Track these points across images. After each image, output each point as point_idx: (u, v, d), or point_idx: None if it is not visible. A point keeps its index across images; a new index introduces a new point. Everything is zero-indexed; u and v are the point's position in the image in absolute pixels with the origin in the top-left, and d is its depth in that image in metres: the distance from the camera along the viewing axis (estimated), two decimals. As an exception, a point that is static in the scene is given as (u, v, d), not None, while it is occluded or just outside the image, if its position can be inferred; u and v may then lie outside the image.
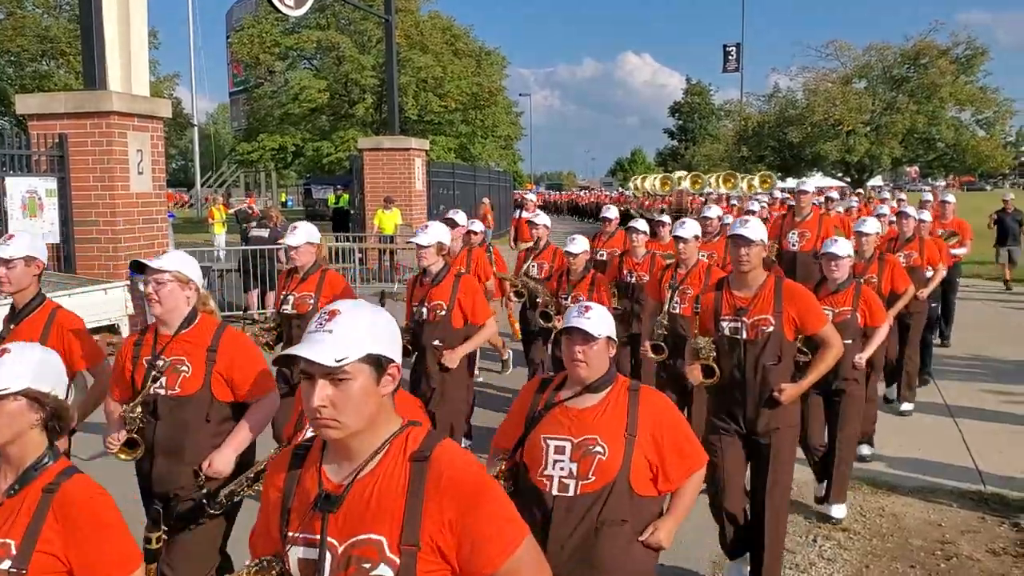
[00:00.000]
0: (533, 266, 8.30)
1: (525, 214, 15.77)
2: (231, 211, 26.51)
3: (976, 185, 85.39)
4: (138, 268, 3.66)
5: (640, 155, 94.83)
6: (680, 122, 71.12)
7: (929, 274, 8.39)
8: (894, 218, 9.38)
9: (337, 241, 17.94)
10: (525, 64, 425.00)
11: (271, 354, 5.04)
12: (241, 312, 13.39)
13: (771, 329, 4.34)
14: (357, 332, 1.91)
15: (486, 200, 24.99)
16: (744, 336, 4.39)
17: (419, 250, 5.59)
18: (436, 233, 5.64)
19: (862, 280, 6.29)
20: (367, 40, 35.98)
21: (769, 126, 33.20)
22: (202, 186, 47.51)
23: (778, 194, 20.82)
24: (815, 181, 35.13)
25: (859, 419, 5.86)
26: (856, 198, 21.29)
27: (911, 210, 8.87)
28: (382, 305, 4.47)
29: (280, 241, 13.37)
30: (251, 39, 36.51)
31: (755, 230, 4.41)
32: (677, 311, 6.38)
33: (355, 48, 35.58)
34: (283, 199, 63.90)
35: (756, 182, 24.93)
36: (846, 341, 5.08)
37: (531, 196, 17.10)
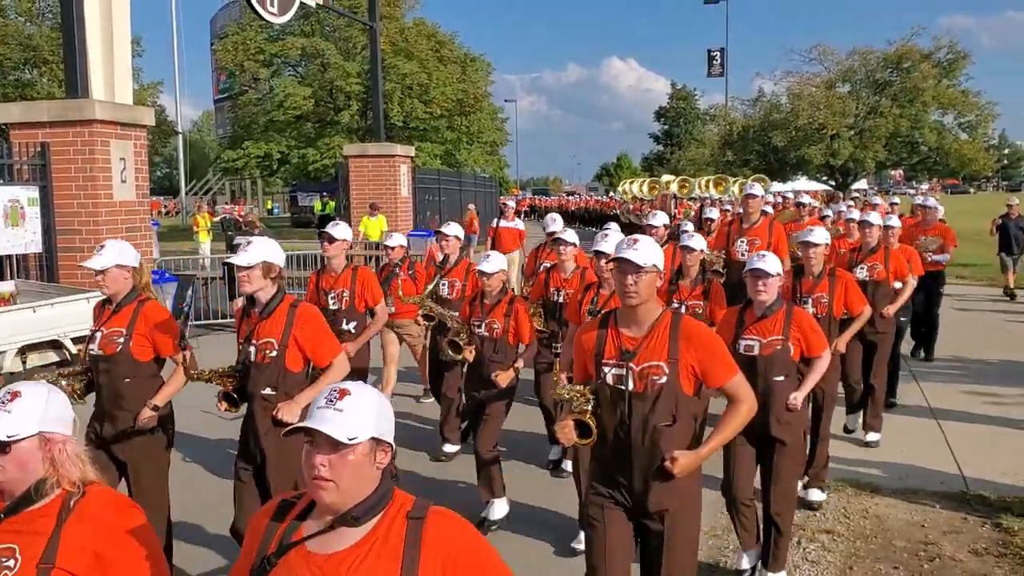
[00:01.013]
0: (443, 284, 7.33)
1: (504, 223, 15.63)
2: (216, 219, 26.44)
3: (960, 188, 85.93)
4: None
5: (626, 160, 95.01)
6: (666, 127, 71.34)
7: (898, 286, 7.51)
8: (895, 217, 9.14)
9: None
10: (511, 70, 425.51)
11: (79, 403, 4.44)
12: (227, 320, 13.34)
13: (663, 380, 3.40)
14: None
15: (471, 206, 25.03)
16: (630, 387, 3.44)
17: (239, 272, 4.34)
18: (260, 251, 4.33)
19: (808, 300, 6.03)
20: (352, 47, 35.99)
21: (754, 130, 33.34)
22: (187, 194, 47.37)
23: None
24: (799, 185, 35.33)
25: (797, 472, 5.07)
26: (850, 202, 20.13)
27: (875, 217, 7.78)
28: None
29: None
30: (235, 46, 36.47)
31: (646, 253, 3.43)
32: None
33: (340, 55, 35.58)
34: (269, 206, 63.88)
35: (738, 186, 24.68)
36: (777, 377, 4.70)
37: (512, 203, 16.72)
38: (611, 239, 5.36)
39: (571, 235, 6.75)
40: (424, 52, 35.02)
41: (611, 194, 52.80)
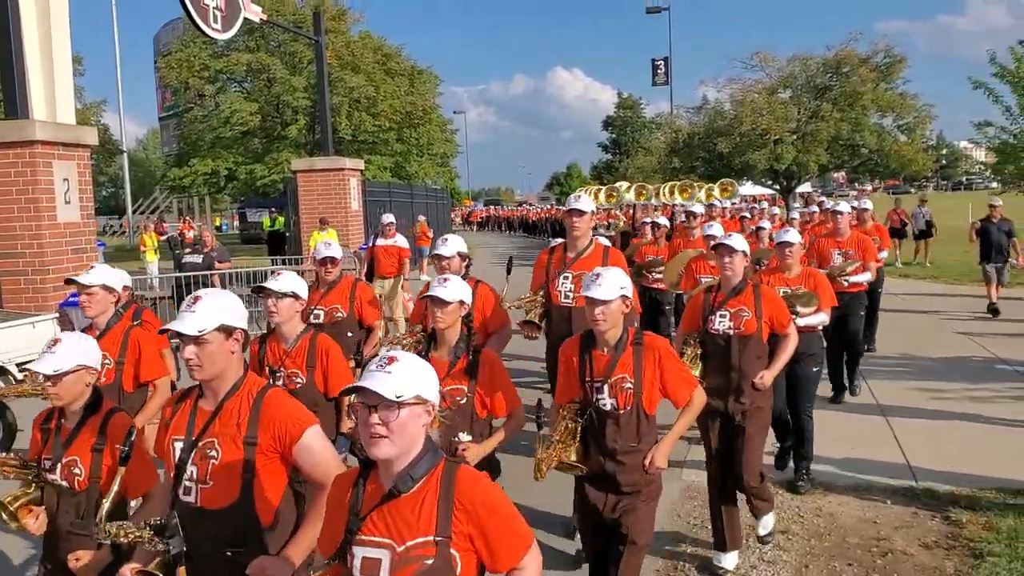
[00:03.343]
0: (318, 313, 6.43)
1: (381, 241, 12.85)
2: (163, 238, 26.08)
3: (901, 188, 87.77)
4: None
5: (576, 169, 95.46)
6: (613, 136, 71.84)
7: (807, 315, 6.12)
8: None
9: (273, 264, 17.75)
10: (458, 82, 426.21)
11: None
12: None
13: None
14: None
15: (422, 218, 25.00)
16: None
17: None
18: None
19: (723, 315, 5.41)
20: (298, 61, 35.73)
21: (699, 137, 33.70)
22: (134, 213, 46.63)
23: (719, 204, 19.04)
24: (745, 190, 35.79)
25: (763, 443, 5.26)
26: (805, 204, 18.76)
27: (792, 236, 6.33)
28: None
29: (219, 265, 12.80)
30: (179, 63, 36.00)
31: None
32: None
33: (286, 70, 35.30)
34: (217, 223, 63.11)
35: (717, 191, 23.77)
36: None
37: (390, 218, 12.97)
38: (451, 244, 5.53)
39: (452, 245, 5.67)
40: (371, 65, 34.89)
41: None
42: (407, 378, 2.32)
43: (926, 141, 35.78)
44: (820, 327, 6.42)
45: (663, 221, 11.08)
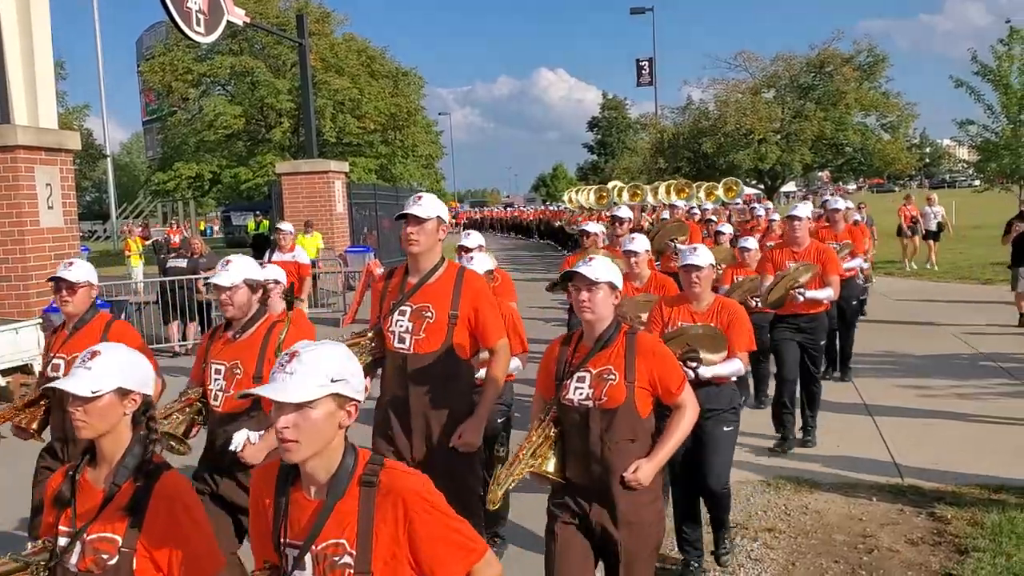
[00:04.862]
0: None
1: (277, 255, 10.21)
2: (148, 242, 25.97)
3: (885, 187, 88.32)
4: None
5: (562, 170, 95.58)
6: (599, 136, 71.98)
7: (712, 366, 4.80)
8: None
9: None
10: (443, 84, 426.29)
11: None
12: (162, 344, 13.10)
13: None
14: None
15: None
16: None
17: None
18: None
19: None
20: (282, 64, 35.66)
21: (684, 137, 33.86)
22: (118, 217, 46.41)
23: (681, 204, 16.62)
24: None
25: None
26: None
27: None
28: None
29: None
30: (162, 67, 35.88)
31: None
32: None
33: (270, 72, 35.24)
34: (202, 227, 62.87)
35: (721, 191, 22.25)
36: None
37: (287, 227, 10.79)
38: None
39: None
40: (355, 67, 34.86)
41: (558, 204, 52.57)
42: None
43: (909, 139, 36.06)
44: (734, 377, 4.96)
45: (593, 228, 8.78)
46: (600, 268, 3.44)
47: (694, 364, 4.61)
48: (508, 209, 71.44)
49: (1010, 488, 6.09)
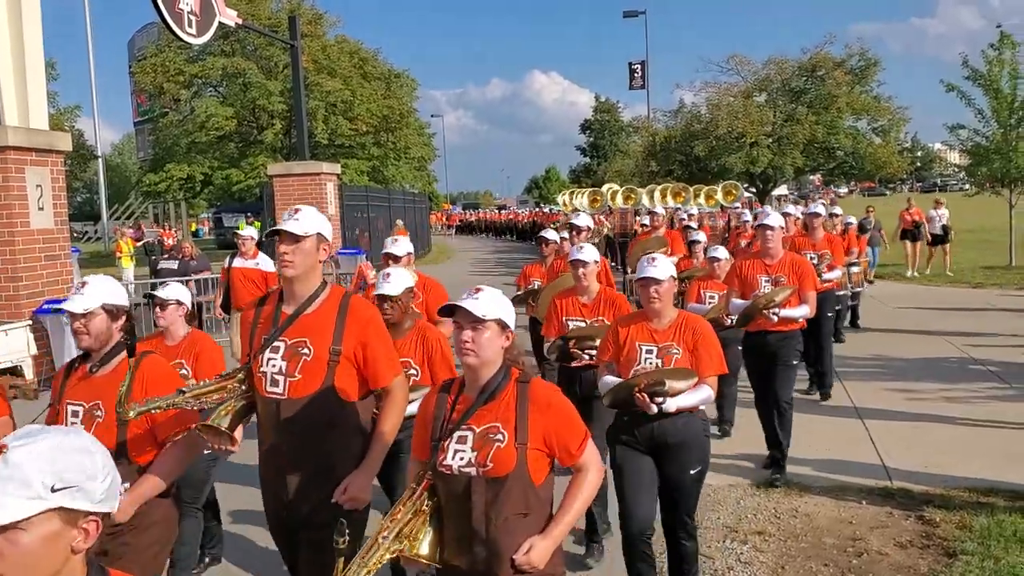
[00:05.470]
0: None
1: (239, 262, 9.90)
2: (139, 244, 25.90)
3: (876, 191, 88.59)
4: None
5: (554, 172, 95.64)
6: (591, 139, 72.07)
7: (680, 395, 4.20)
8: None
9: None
10: (435, 86, 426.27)
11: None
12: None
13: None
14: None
15: (400, 222, 24.99)
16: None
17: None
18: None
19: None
20: (274, 66, 35.65)
21: (676, 141, 33.89)
22: (109, 219, 46.28)
23: (660, 211, 14.95)
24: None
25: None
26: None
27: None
28: None
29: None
30: (154, 68, 35.83)
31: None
32: None
33: (262, 74, 35.22)
34: (193, 229, 62.72)
35: (720, 194, 21.94)
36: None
37: (249, 232, 10.37)
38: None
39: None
40: (347, 69, 34.87)
41: (554, 207, 52.36)
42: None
43: (901, 143, 36.18)
44: (701, 407, 4.35)
45: (551, 235, 8.08)
46: (487, 303, 2.87)
47: (660, 400, 4.05)
48: (502, 211, 71.11)
49: (999, 491, 6.12)
